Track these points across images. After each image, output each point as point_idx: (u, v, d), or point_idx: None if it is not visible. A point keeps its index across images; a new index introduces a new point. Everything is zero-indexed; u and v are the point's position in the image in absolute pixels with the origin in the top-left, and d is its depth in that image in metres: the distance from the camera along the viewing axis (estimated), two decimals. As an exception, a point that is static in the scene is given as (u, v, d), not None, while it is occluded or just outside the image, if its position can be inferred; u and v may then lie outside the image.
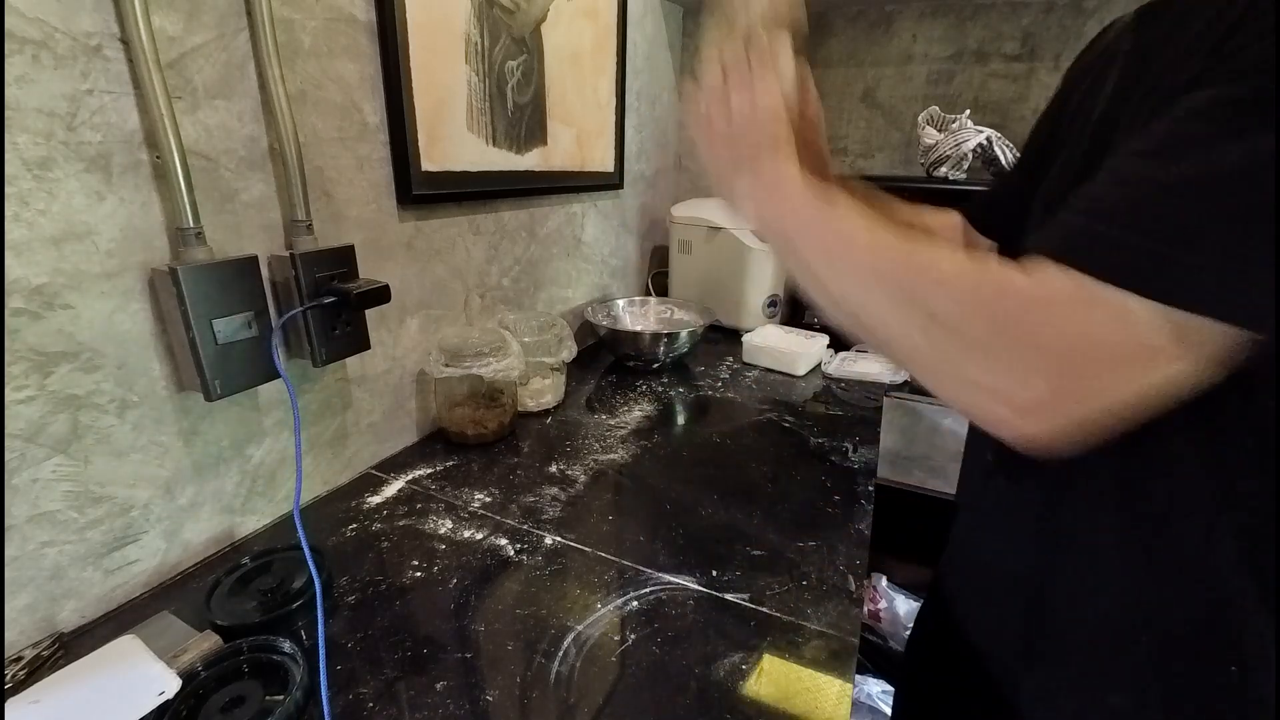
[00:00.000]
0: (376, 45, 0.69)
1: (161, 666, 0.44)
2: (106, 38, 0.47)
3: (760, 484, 0.76)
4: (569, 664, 0.49)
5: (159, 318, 0.53)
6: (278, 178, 0.61)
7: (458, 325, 0.90)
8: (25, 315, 0.45)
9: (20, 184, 0.44)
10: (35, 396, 0.47)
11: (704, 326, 1.16)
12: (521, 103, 0.93)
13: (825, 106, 1.76)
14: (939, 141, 1.22)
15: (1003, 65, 1.35)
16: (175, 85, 0.51)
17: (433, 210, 0.81)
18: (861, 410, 0.99)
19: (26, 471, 0.47)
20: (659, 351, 1.12)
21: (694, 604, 0.56)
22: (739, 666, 0.49)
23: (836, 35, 1.49)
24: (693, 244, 1.38)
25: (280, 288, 0.62)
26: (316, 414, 0.70)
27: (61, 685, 0.43)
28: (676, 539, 0.65)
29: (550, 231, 1.10)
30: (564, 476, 0.77)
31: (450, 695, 0.46)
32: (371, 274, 0.71)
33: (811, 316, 1.39)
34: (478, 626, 0.53)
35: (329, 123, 0.65)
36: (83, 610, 0.52)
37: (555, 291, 1.15)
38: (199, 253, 0.53)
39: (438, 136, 0.78)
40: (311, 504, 0.70)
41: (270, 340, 0.58)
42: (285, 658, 0.47)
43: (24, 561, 0.48)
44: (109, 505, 0.53)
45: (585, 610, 0.55)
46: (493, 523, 0.67)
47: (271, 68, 0.57)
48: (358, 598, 0.56)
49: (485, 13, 0.83)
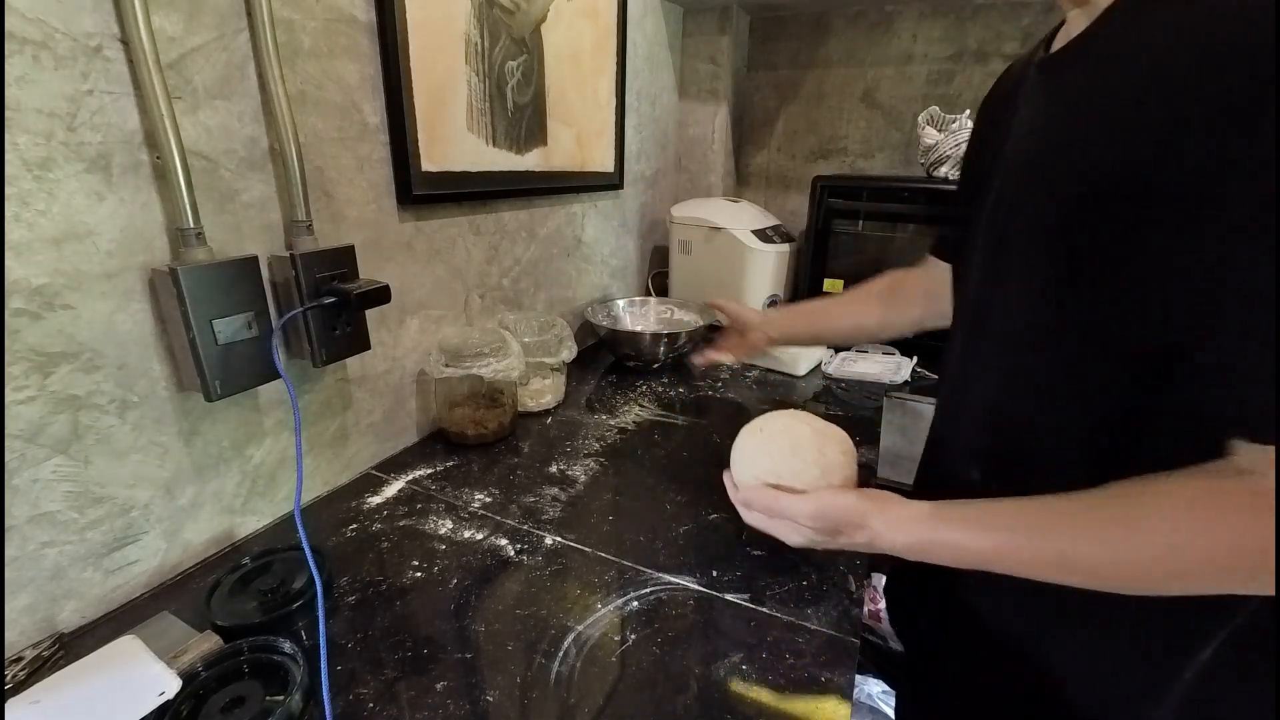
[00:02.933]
0: (376, 45, 0.69)
1: (162, 667, 0.44)
2: (106, 38, 0.47)
3: (760, 484, 0.76)
4: (569, 664, 0.49)
5: (159, 318, 0.53)
6: (278, 178, 0.61)
7: (458, 325, 0.90)
8: (25, 315, 0.45)
9: (20, 184, 0.44)
10: (35, 397, 0.47)
11: (704, 326, 1.16)
12: (521, 103, 0.93)
13: (825, 106, 1.76)
14: (939, 141, 1.22)
15: (1003, 65, 1.33)
16: (175, 85, 0.51)
17: (433, 210, 0.81)
18: (861, 410, 0.99)
19: (27, 472, 0.47)
20: (659, 351, 1.12)
21: (694, 604, 0.56)
22: (739, 666, 0.49)
23: (836, 35, 1.49)
24: (693, 244, 1.38)
25: (280, 288, 0.62)
26: (317, 414, 0.70)
27: (61, 685, 0.43)
28: (676, 539, 0.65)
29: (550, 231, 1.10)
30: (564, 477, 0.77)
31: (450, 695, 0.46)
32: (371, 274, 0.71)
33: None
34: (478, 627, 0.53)
35: (329, 123, 0.65)
36: (83, 610, 0.52)
37: (555, 291, 1.15)
38: (199, 253, 0.53)
39: (438, 137, 0.78)
40: (312, 504, 0.70)
41: (270, 340, 0.58)
42: (286, 658, 0.47)
43: (24, 562, 0.48)
44: (109, 505, 0.53)
45: (585, 610, 0.55)
46: (493, 523, 0.67)
47: (271, 68, 0.57)
48: (358, 598, 0.56)
49: (485, 13, 0.83)
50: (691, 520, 0.68)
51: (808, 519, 0.49)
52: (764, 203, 1.64)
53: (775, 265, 1.33)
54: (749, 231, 1.32)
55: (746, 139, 1.68)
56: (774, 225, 1.40)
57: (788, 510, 0.50)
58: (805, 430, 0.55)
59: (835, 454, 0.54)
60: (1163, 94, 0.35)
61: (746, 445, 0.57)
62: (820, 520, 0.48)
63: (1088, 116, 0.41)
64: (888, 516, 0.46)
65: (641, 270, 1.51)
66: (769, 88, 1.60)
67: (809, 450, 0.53)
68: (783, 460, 0.53)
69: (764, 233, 1.34)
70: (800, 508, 0.49)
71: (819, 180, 1.32)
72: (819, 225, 1.32)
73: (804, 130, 1.60)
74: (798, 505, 0.49)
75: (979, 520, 0.43)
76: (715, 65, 1.49)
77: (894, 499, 0.48)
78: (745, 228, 1.32)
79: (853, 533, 0.48)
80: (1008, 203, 0.48)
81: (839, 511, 0.48)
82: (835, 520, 0.48)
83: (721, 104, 1.51)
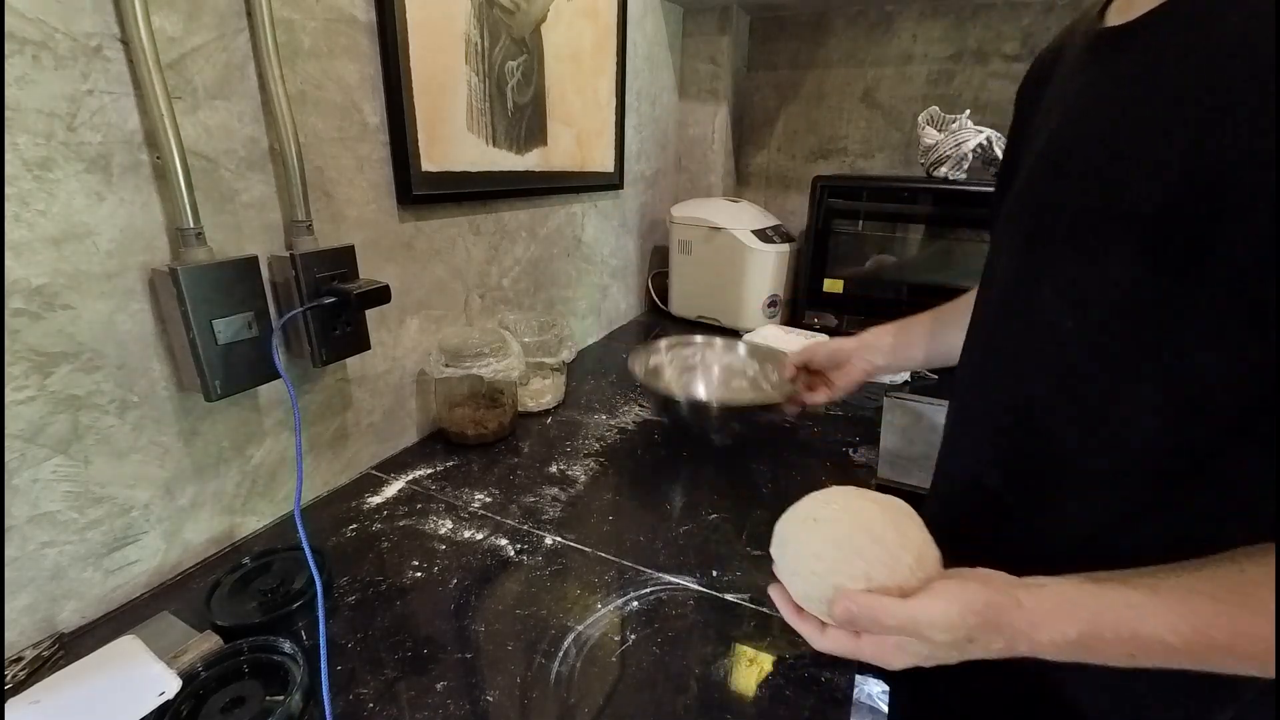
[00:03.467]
0: (376, 46, 0.69)
1: (162, 667, 0.44)
2: (106, 38, 0.47)
3: (760, 483, 0.76)
4: (569, 664, 0.49)
5: (159, 318, 0.53)
6: (278, 178, 0.61)
7: (458, 325, 0.90)
8: (25, 315, 0.45)
9: (20, 184, 0.44)
10: (35, 397, 0.47)
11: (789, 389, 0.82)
12: (521, 103, 0.93)
13: (825, 106, 1.76)
14: (939, 142, 1.22)
15: (1003, 65, 1.35)
16: (175, 86, 0.51)
17: (433, 210, 0.81)
18: (861, 410, 0.99)
19: (27, 472, 0.47)
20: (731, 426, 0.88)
21: (694, 604, 0.56)
22: (739, 666, 0.49)
23: (836, 35, 1.49)
24: (693, 244, 1.38)
25: (280, 288, 0.62)
26: (317, 414, 0.70)
27: (61, 685, 0.43)
28: (676, 539, 0.65)
29: (550, 231, 1.10)
30: (564, 476, 0.77)
31: (450, 695, 0.46)
32: (371, 274, 0.71)
33: (811, 317, 1.39)
34: (478, 627, 0.53)
35: (329, 123, 0.65)
36: (83, 610, 0.52)
37: (555, 291, 1.15)
38: (199, 253, 0.53)
39: (438, 137, 0.78)
40: (312, 504, 0.70)
41: (270, 340, 0.58)
42: (286, 658, 0.47)
43: (24, 562, 0.48)
44: (109, 505, 0.53)
45: (585, 610, 0.55)
46: (493, 523, 0.67)
47: (271, 68, 0.57)
48: (358, 598, 0.56)
49: (485, 13, 0.83)
50: (691, 520, 0.68)
51: (941, 629, 0.35)
52: (764, 203, 1.64)
53: (775, 265, 1.33)
54: (749, 231, 1.32)
55: (746, 139, 1.68)
56: (774, 225, 1.40)
57: (911, 623, 0.35)
58: (871, 509, 0.43)
59: (915, 530, 0.41)
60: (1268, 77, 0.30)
61: (808, 544, 0.42)
62: (956, 629, 0.35)
63: (1174, 101, 0.35)
64: (1029, 607, 0.35)
65: (641, 270, 1.51)
66: (769, 88, 1.60)
67: (889, 534, 0.40)
68: (871, 554, 0.39)
69: (764, 233, 1.34)
70: (928, 615, 0.35)
71: (819, 180, 1.32)
72: (819, 225, 1.33)
73: (804, 130, 1.60)
74: (925, 612, 0.35)
75: (1158, 588, 0.33)
76: (715, 65, 1.49)
77: (1010, 578, 0.37)
78: (745, 228, 1.32)
79: (988, 638, 0.35)
80: (1049, 192, 0.43)
81: (981, 613, 0.35)
82: (971, 626, 0.35)
83: (721, 104, 1.52)
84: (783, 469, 0.80)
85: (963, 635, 0.35)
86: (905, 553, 0.39)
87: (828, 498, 0.45)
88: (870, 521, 0.41)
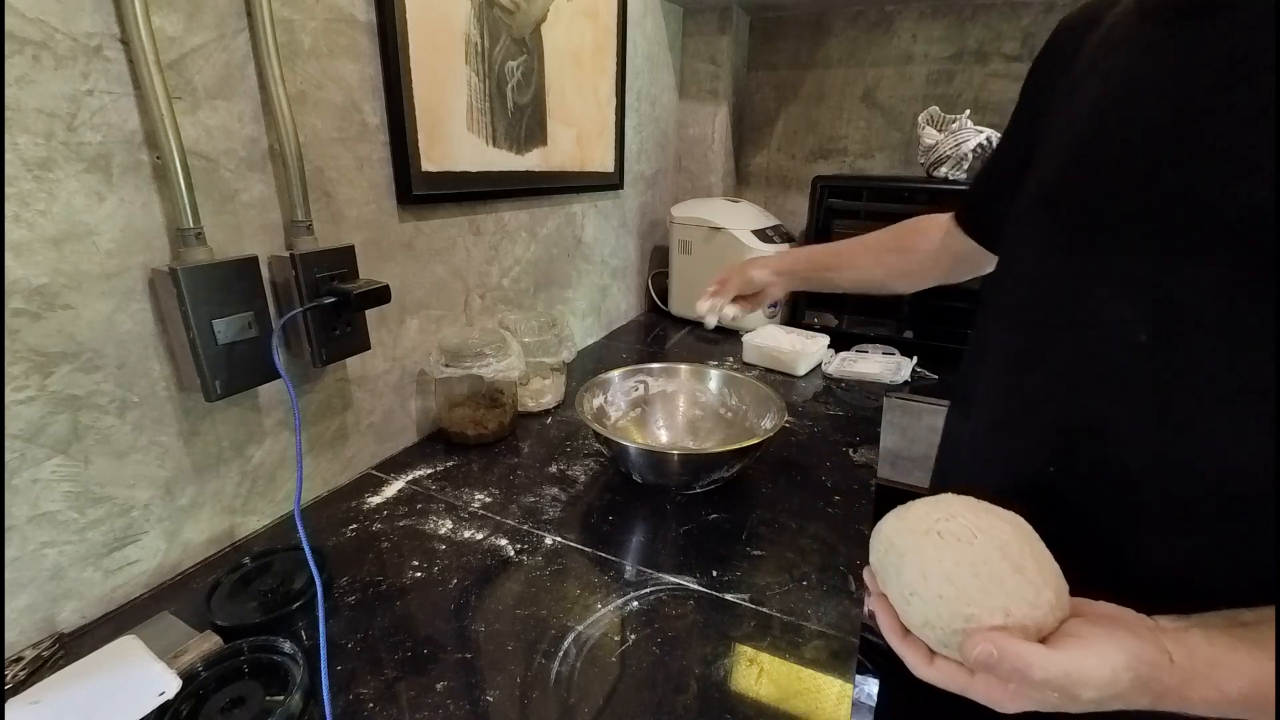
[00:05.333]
0: (376, 45, 0.69)
1: (161, 667, 0.44)
2: (107, 38, 0.47)
3: (760, 484, 0.76)
4: (569, 664, 0.49)
5: (159, 318, 0.53)
6: (278, 178, 0.61)
7: (458, 325, 0.90)
8: (25, 315, 0.45)
9: (20, 184, 0.44)
10: (35, 397, 0.47)
11: None
12: (521, 103, 0.93)
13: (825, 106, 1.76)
14: (939, 141, 1.22)
15: (1003, 65, 1.35)
16: (175, 86, 0.51)
17: (433, 210, 0.81)
18: (861, 410, 0.99)
19: (27, 472, 0.47)
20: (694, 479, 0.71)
21: (694, 604, 0.56)
22: (739, 666, 0.49)
23: (836, 35, 1.49)
24: (693, 244, 1.38)
25: (280, 288, 0.62)
26: (316, 414, 0.70)
27: (61, 685, 0.43)
28: (676, 539, 0.65)
29: (550, 232, 1.10)
30: (564, 476, 0.77)
31: (450, 695, 0.46)
32: (371, 274, 0.71)
33: (811, 317, 1.39)
34: (478, 627, 0.53)
35: (329, 123, 0.65)
36: (83, 610, 0.52)
37: (555, 291, 1.15)
38: (199, 253, 0.53)
39: (438, 137, 0.78)
40: (312, 504, 0.70)
41: (270, 340, 0.58)
42: (286, 658, 0.47)
43: (24, 562, 0.48)
44: (109, 505, 0.53)
45: (585, 610, 0.55)
46: (493, 523, 0.67)
47: (271, 68, 0.57)
48: (358, 598, 0.56)
49: (485, 13, 0.83)
50: (691, 520, 0.68)
51: (1093, 687, 0.30)
52: (764, 203, 1.65)
53: (775, 265, 1.33)
54: (749, 231, 1.32)
55: (746, 139, 1.68)
56: (774, 225, 1.40)
57: (1064, 678, 0.30)
58: (1005, 529, 0.36)
59: (1048, 559, 0.36)
60: None
61: (936, 564, 0.35)
62: (1107, 688, 0.30)
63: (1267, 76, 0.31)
64: (1180, 664, 0.31)
65: (641, 270, 1.51)
66: (769, 88, 1.60)
67: (1029, 563, 0.34)
68: (1012, 586, 0.33)
69: (764, 233, 1.34)
70: (1082, 672, 0.30)
71: (819, 180, 1.32)
72: (819, 225, 1.33)
73: (804, 130, 1.60)
74: (1079, 668, 0.30)
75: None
76: (715, 65, 1.49)
77: (1147, 620, 0.33)
78: (745, 228, 1.32)
79: (1135, 696, 0.31)
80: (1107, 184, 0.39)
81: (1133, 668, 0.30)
82: (1124, 685, 0.30)
83: (721, 104, 1.52)
84: (782, 469, 0.80)
85: (1110, 694, 0.30)
86: (1047, 588, 0.34)
87: (949, 509, 0.38)
88: (1007, 545, 0.35)
